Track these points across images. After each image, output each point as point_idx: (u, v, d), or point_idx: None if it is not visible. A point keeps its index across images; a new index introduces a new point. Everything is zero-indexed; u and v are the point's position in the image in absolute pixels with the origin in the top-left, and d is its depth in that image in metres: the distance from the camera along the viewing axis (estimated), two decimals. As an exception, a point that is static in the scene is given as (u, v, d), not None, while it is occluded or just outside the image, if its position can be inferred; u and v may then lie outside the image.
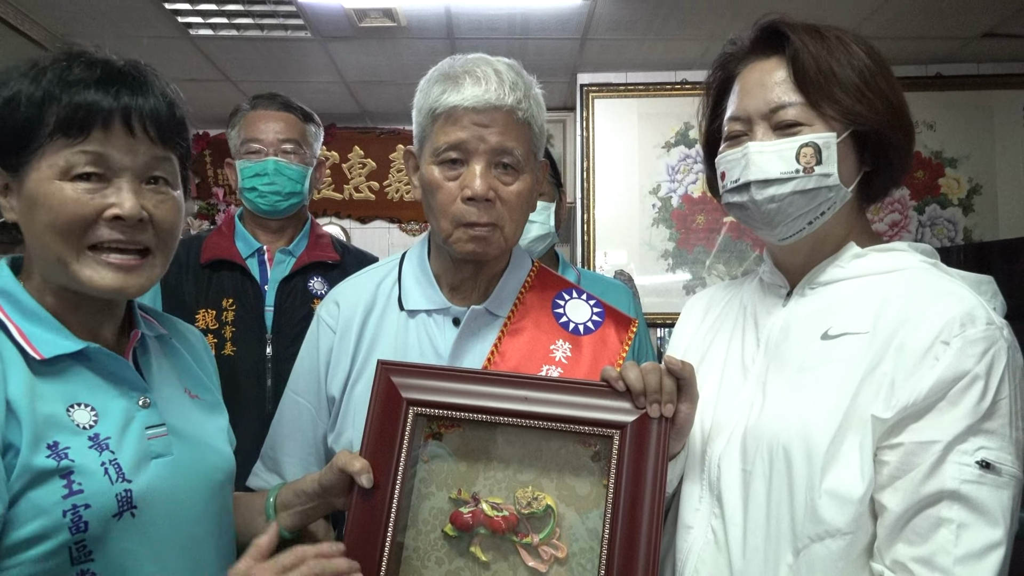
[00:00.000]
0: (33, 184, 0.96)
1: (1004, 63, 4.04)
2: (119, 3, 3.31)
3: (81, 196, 0.96)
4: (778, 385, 1.08)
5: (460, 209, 1.18)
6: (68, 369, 0.97)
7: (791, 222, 1.09)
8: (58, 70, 0.97)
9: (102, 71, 0.98)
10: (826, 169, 1.06)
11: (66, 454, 0.91)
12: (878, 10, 3.37)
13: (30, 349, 0.95)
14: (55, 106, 0.95)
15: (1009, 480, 0.94)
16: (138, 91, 0.99)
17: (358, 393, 1.26)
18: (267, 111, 2.07)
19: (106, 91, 0.97)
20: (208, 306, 1.96)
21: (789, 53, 1.09)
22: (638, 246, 4.18)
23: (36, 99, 0.96)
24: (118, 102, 0.97)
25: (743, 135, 1.11)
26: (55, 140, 0.95)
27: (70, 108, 0.95)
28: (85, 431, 0.95)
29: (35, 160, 0.96)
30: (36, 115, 0.95)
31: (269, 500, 1.17)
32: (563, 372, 1.23)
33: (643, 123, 4.20)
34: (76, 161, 0.95)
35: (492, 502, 1.03)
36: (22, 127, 0.95)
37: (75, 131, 0.95)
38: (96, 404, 0.97)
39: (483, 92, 1.16)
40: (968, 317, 0.96)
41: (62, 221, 0.95)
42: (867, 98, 1.07)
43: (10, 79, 0.98)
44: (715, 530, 1.08)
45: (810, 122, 1.07)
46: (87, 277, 0.97)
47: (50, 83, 0.96)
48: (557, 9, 3.42)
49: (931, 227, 4.09)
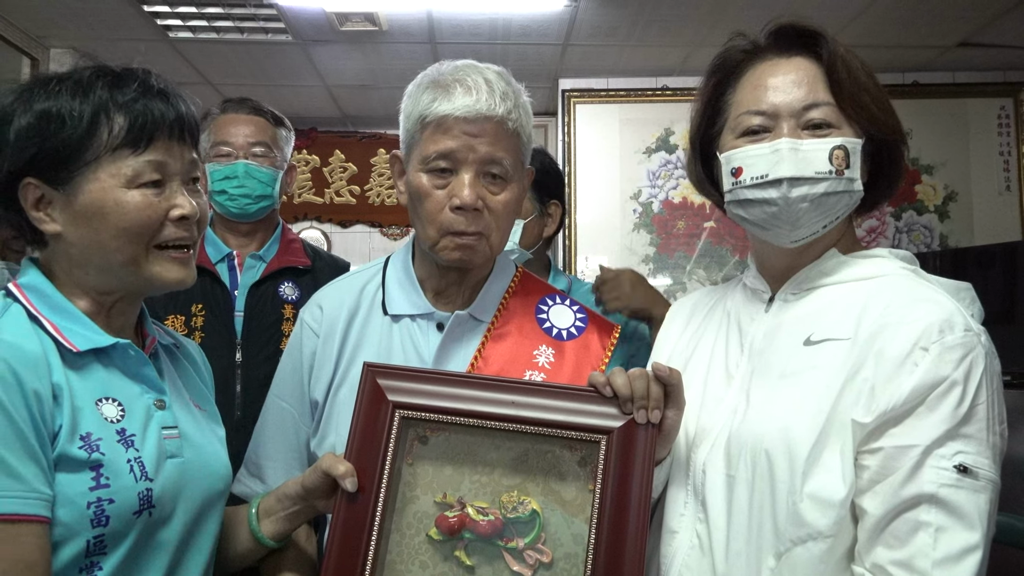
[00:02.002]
0: (95, 194, 1.00)
1: (979, 72, 4.11)
2: (97, 5, 3.29)
3: (151, 201, 1.02)
4: (761, 390, 1.09)
5: (448, 218, 1.19)
6: (95, 364, 1.01)
7: (812, 223, 1.09)
8: (106, 84, 1.02)
9: (148, 83, 1.04)
10: (853, 173, 1.07)
11: (98, 446, 0.95)
12: (856, 19, 3.41)
13: (65, 342, 0.98)
14: (116, 119, 1.00)
15: (986, 484, 0.94)
16: (180, 100, 1.06)
17: (342, 397, 1.25)
18: (237, 115, 2.05)
19: (164, 102, 1.03)
20: (177, 311, 1.93)
21: (824, 54, 1.09)
22: (619, 251, 4.20)
23: (88, 114, 1.00)
24: (175, 112, 1.04)
25: (766, 130, 1.10)
26: (117, 151, 1.00)
27: (134, 120, 1.01)
28: (113, 424, 0.98)
29: (90, 172, 1.00)
30: (90, 129, 1.00)
31: (251, 510, 1.16)
32: (546, 377, 1.23)
33: (624, 129, 4.22)
34: (143, 170, 1.01)
35: (478, 506, 1.03)
36: (73, 142, 0.99)
37: (141, 142, 1.01)
38: (122, 399, 1.02)
39: (474, 102, 1.16)
40: (946, 323, 0.98)
41: (137, 225, 1.01)
42: (886, 108, 1.10)
43: (32, 96, 1.01)
44: (700, 535, 1.08)
45: (839, 124, 1.08)
46: (157, 273, 1.04)
47: (103, 98, 1.01)
48: (539, 15, 3.43)
49: (908, 233, 4.14)
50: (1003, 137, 4.11)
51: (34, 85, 1.03)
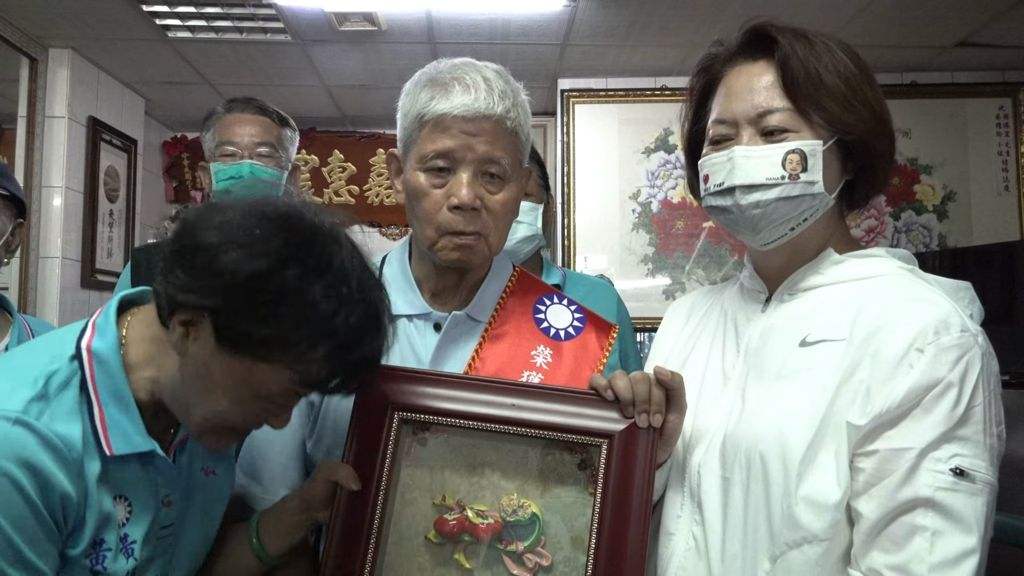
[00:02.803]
0: (241, 377, 0.92)
1: (978, 72, 4.11)
2: (96, 5, 3.28)
3: (259, 413, 0.98)
4: (757, 392, 1.09)
5: (446, 217, 1.18)
6: (124, 463, 0.96)
7: (774, 228, 1.09)
8: (350, 309, 0.93)
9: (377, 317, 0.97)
10: (811, 176, 1.06)
11: (104, 558, 0.92)
12: (854, 19, 3.41)
13: (104, 442, 0.92)
14: (331, 373, 0.95)
15: (983, 487, 0.94)
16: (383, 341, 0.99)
17: (338, 398, 1.25)
18: (242, 114, 2.05)
19: (374, 352, 0.98)
20: None
21: (778, 57, 1.08)
22: (618, 251, 4.20)
23: (320, 353, 0.91)
24: (371, 360, 0.99)
25: (728, 139, 1.11)
26: (307, 364, 0.92)
27: (334, 374, 0.95)
28: (119, 528, 0.95)
29: (259, 361, 0.91)
30: (306, 345, 0.91)
31: (252, 528, 1.15)
32: (544, 378, 1.23)
33: (623, 129, 4.22)
34: (302, 392, 0.97)
35: (477, 509, 1.03)
36: (278, 336, 0.89)
37: (331, 388, 0.97)
38: (133, 499, 0.97)
39: (472, 101, 1.15)
40: (942, 324, 0.97)
41: (229, 420, 0.96)
42: (853, 106, 1.07)
43: (308, 276, 0.91)
44: (696, 537, 1.08)
45: (797, 128, 1.07)
46: (203, 440, 1.00)
47: (339, 324, 0.91)
48: (538, 15, 3.43)
49: (907, 233, 4.14)
50: (1002, 137, 4.11)
51: (306, 254, 0.92)
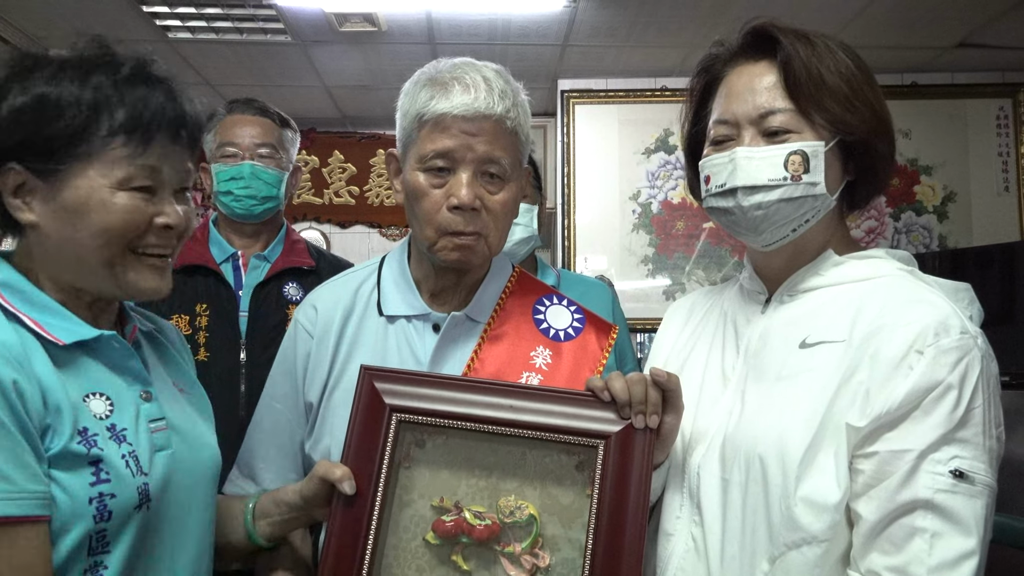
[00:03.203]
0: (82, 191, 0.95)
1: (978, 72, 4.11)
2: (96, 6, 3.28)
3: (139, 205, 0.98)
4: (757, 394, 1.09)
5: (445, 218, 1.18)
6: (81, 358, 0.98)
7: (776, 229, 1.09)
8: (110, 74, 0.96)
9: (152, 75, 0.99)
10: (814, 178, 1.06)
11: (95, 442, 0.93)
12: (855, 20, 3.41)
13: (49, 336, 0.95)
14: (116, 115, 0.95)
15: (982, 489, 0.94)
16: (186, 99, 1.01)
17: (336, 399, 1.25)
18: (243, 115, 2.05)
19: (170, 99, 0.98)
20: (181, 311, 1.94)
21: (780, 58, 1.08)
22: (618, 251, 4.20)
23: (87, 103, 0.94)
24: (178, 111, 0.99)
25: (729, 139, 1.11)
26: (113, 149, 0.95)
27: (135, 118, 0.96)
28: (103, 421, 0.96)
29: (80, 166, 0.95)
30: (88, 123, 0.94)
31: (248, 506, 1.16)
32: (543, 379, 1.23)
33: (623, 129, 4.22)
34: (136, 174, 0.97)
35: (475, 510, 1.03)
36: (68, 134, 0.94)
37: (139, 141, 0.96)
38: (110, 394, 0.99)
39: (472, 100, 1.15)
40: (942, 326, 0.97)
41: (120, 228, 0.97)
42: (855, 107, 1.07)
43: (31, 76, 0.95)
44: (695, 538, 1.08)
45: (799, 129, 1.07)
46: (132, 280, 1.00)
47: (106, 90, 0.95)
48: (538, 15, 3.43)
49: (907, 234, 4.14)
50: (1002, 138, 4.11)
51: (33, 64, 0.96)
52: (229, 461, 1.35)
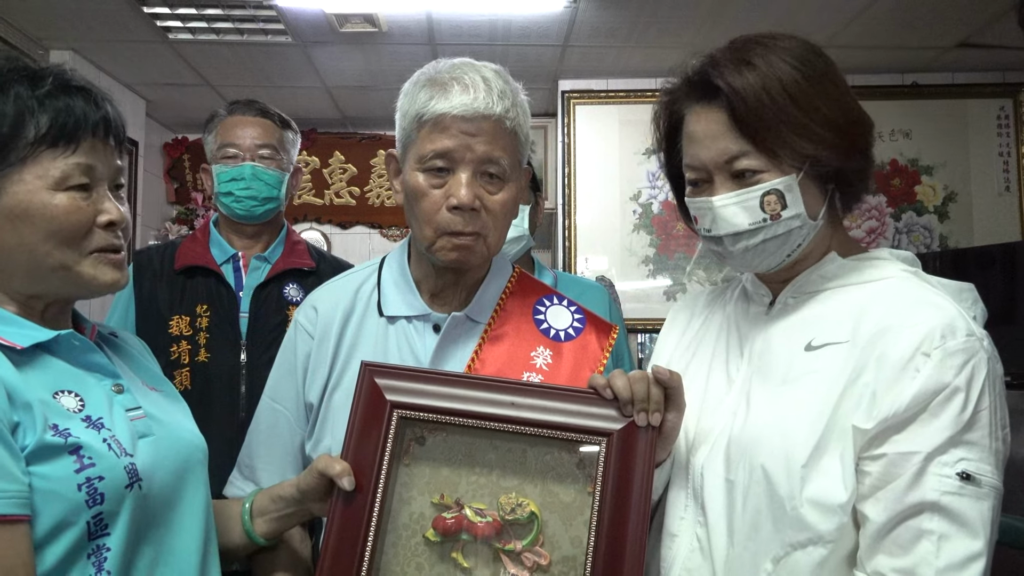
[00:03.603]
0: (20, 196, 0.97)
1: (978, 72, 4.11)
2: (97, 7, 3.28)
3: (80, 204, 0.99)
4: (762, 395, 1.08)
5: (445, 218, 1.18)
6: (44, 360, 0.99)
7: (770, 258, 1.09)
8: (24, 82, 0.99)
9: (67, 81, 1.01)
10: (793, 211, 1.05)
11: (69, 433, 0.93)
12: (855, 20, 3.41)
13: (6, 343, 0.95)
14: (40, 118, 0.97)
15: (989, 491, 0.94)
16: (104, 100, 1.04)
17: (337, 400, 1.24)
18: (244, 116, 2.06)
19: (87, 101, 1.01)
20: (182, 312, 1.94)
21: (725, 103, 1.06)
22: (619, 252, 4.20)
23: (12, 114, 0.97)
24: (100, 112, 1.01)
25: (705, 182, 1.11)
26: (40, 152, 0.97)
27: (58, 120, 0.98)
28: (76, 414, 0.96)
29: (14, 173, 0.97)
30: (14, 129, 0.96)
31: (245, 506, 1.16)
32: (544, 379, 1.23)
33: (624, 130, 4.22)
34: (70, 172, 0.98)
35: (475, 508, 1.03)
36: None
37: (65, 143, 0.98)
38: (78, 390, 0.99)
39: (471, 100, 1.15)
40: (948, 328, 0.97)
41: (66, 229, 0.98)
42: (811, 131, 1.03)
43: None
44: (700, 538, 1.08)
45: (766, 168, 1.05)
46: (90, 275, 1.01)
47: (24, 96, 0.98)
48: (539, 16, 3.43)
49: (908, 234, 4.14)
50: (1002, 138, 4.11)
51: None
52: (230, 462, 1.35)
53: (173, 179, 5.00)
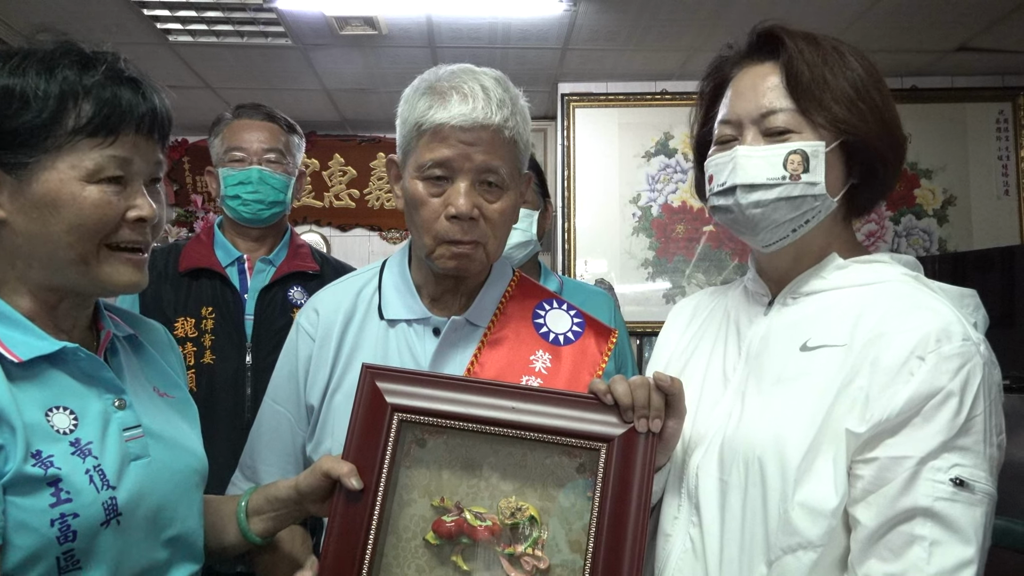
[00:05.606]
0: (51, 184, 0.94)
1: (978, 76, 4.11)
2: (96, 8, 3.29)
3: (110, 199, 0.96)
4: (756, 396, 1.09)
5: (444, 226, 1.18)
6: (44, 372, 0.95)
7: (775, 228, 1.09)
8: (74, 65, 0.95)
9: (118, 68, 0.98)
10: (813, 178, 1.06)
11: (51, 462, 0.90)
12: (854, 23, 3.41)
13: (6, 353, 0.92)
14: (83, 106, 0.94)
15: (982, 497, 0.94)
16: (153, 91, 1.00)
17: (338, 402, 1.25)
18: (251, 120, 2.07)
19: (135, 91, 0.97)
20: (187, 314, 1.95)
21: (783, 59, 1.08)
22: (618, 255, 4.20)
23: (55, 98, 0.93)
24: (147, 104, 0.98)
25: (733, 139, 1.11)
26: (77, 142, 0.94)
27: (101, 109, 0.94)
28: (66, 436, 0.93)
29: (48, 160, 0.94)
30: (55, 115, 0.93)
31: (240, 504, 1.15)
32: (543, 383, 1.23)
33: (623, 133, 4.22)
34: (105, 165, 0.95)
35: (475, 511, 1.03)
36: (35, 126, 0.93)
37: (105, 132, 0.95)
38: (74, 407, 0.96)
39: (470, 110, 1.15)
40: (944, 333, 0.97)
41: (92, 223, 0.95)
42: (858, 108, 1.07)
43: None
44: (693, 539, 1.08)
45: (799, 129, 1.07)
46: (108, 275, 0.98)
47: (71, 81, 0.94)
48: (538, 19, 3.44)
49: (907, 237, 4.14)
50: (1002, 142, 4.11)
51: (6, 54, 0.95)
52: (234, 464, 1.35)
53: (173, 181, 4.99)
